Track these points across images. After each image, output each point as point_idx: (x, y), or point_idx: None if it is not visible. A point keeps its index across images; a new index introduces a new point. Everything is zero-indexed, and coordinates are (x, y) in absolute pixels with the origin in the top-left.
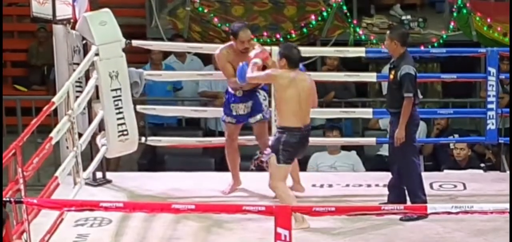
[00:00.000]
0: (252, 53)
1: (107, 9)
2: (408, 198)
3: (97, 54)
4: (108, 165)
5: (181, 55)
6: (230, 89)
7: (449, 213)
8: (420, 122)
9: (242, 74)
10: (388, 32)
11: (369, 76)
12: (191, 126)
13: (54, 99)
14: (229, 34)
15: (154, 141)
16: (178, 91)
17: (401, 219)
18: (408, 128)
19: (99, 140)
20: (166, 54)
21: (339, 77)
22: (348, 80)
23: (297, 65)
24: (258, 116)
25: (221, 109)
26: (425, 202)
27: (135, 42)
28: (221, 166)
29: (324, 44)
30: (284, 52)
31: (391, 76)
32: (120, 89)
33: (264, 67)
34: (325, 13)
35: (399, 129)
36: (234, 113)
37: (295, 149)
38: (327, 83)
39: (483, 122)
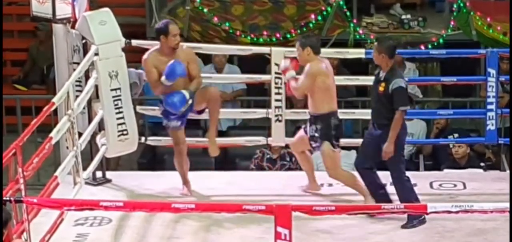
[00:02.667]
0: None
1: (106, 9)
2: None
3: (96, 54)
4: (108, 164)
5: None
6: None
7: (449, 212)
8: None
9: (174, 72)
10: (375, 43)
11: (370, 80)
12: (191, 125)
13: (54, 99)
14: (159, 33)
15: (154, 140)
16: None
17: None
18: (399, 137)
19: (99, 140)
20: None
21: (339, 81)
22: (348, 83)
23: (319, 52)
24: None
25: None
26: None
27: (135, 42)
28: (221, 165)
29: (324, 43)
30: (307, 42)
31: (381, 89)
32: (119, 89)
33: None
34: (325, 13)
35: (388, 143)
36: (178, 113)
37: (341, 130)
38: None
39: (483, 121)
